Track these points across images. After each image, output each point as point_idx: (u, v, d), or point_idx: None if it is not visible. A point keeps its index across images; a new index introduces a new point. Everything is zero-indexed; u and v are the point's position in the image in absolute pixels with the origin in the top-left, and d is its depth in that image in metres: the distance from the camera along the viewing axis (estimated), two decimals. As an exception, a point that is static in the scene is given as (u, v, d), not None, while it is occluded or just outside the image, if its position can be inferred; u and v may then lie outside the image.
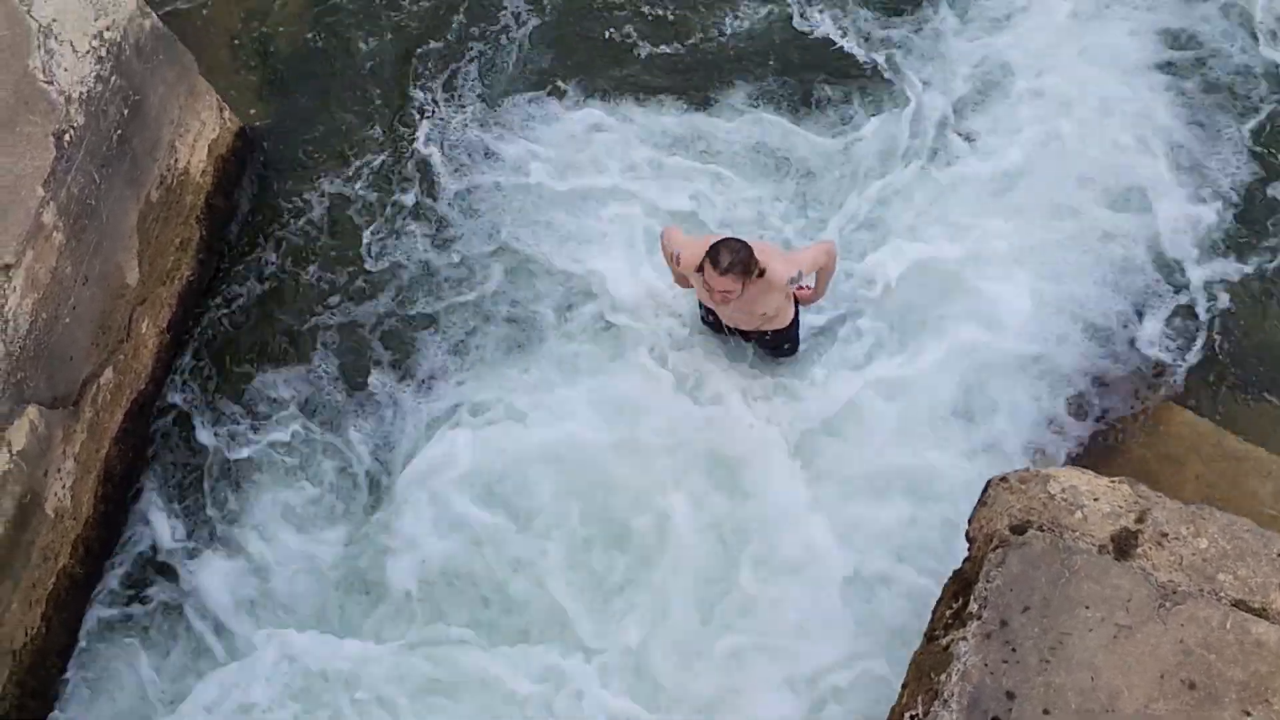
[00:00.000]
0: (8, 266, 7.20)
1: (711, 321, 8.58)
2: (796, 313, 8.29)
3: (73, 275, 7.71)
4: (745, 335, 8.58)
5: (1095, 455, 8.29)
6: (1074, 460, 8.26)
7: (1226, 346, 8.63)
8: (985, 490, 6.94)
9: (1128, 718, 6.05)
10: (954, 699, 6.17)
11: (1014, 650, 6.24)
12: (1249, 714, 6.06)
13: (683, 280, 8.26)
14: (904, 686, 6.74)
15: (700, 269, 7.49)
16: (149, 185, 8.40)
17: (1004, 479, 6.87)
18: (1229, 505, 7.14)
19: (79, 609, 8.21)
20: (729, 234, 7.95)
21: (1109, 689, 6.12)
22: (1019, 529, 6.59)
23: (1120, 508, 6.62)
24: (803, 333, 8.57)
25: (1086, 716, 6.06)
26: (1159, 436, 8.32)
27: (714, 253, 7.40)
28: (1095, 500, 6.64)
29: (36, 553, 7.67)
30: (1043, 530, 6.55)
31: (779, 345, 8.53)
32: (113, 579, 8.36)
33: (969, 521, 6.96)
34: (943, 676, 6.29)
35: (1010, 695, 6.15)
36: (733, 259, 7.35)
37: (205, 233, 9.07)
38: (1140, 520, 6.56)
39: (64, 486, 7.83)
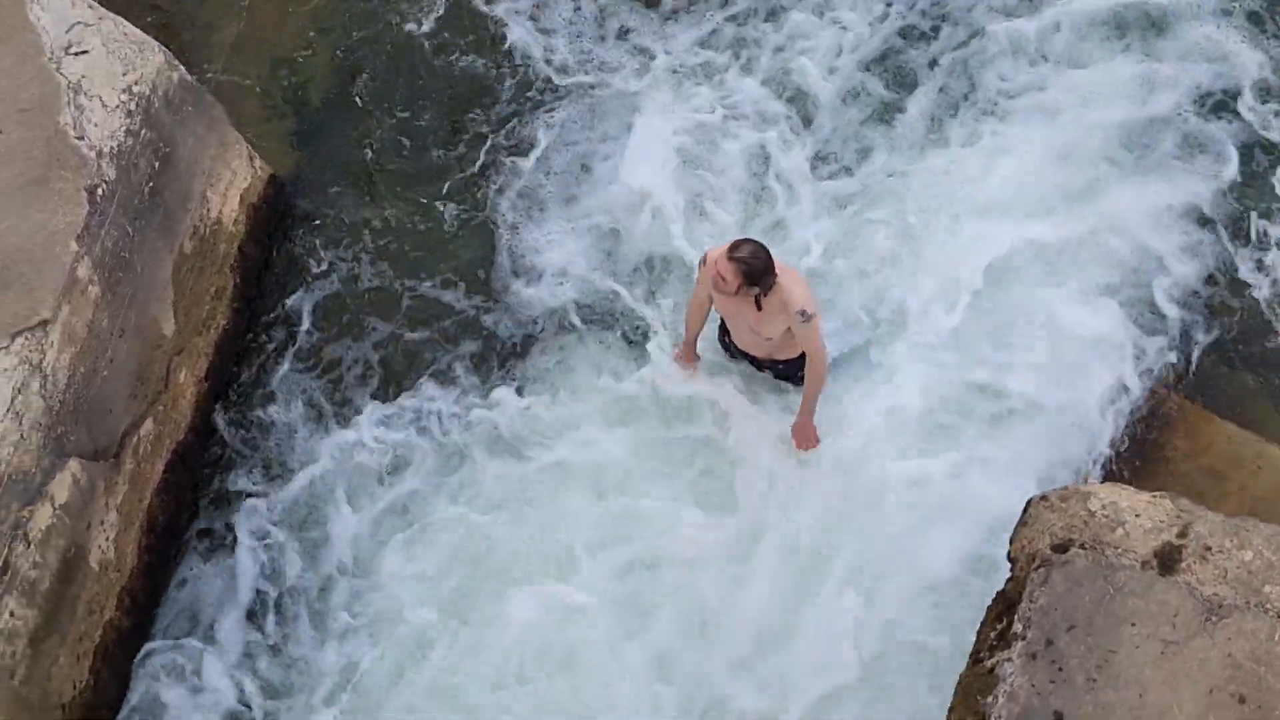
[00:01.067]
0: (45, 322, 7.26)
1: (727, 343, 8.66)
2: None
3: (109, 328, 7.77)
4: (758, 365, 8.60)
5: (1134, 471, 8.25)
6: (1113, 477, 8.21)
7: (1263, 353, 8.59)
8: (1026, 510, 6.91)
9: (1178, 734, 6.02)
10: (1001, 721, 6.14)
11: (1060, 670, 6.20)
12: (1300, 726, 6.01)
13: (700, 300, 8.38)
14: (950, 710, 6.70)
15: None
16: (182, 236, 8.47)
17: (1044, 497, 6.84)
18: (1273, 517, 7.09)
19: (127, 661, 8.22)
20: None
21: (1158, 705, 6.08)
22: (1061, 547, 6.56)
23: (1162, 523, 6.58)
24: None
25: (1136, 734, 6.04)
26: (1199, 450, 8.27)
27: (735, 243, 7.62)
28: (1136, 516, 6.61)
29: (82, 606, 7.70)
30: (1085, 548, 6.52)
31: (791, 376, 8.54)
32: (159, 631, 8.37)
33: (1010, 541, 6.93)
34: (989, 699, 6.25)
35: (1058, 715, 6.11)
36: (744, 257, 7.52)
37: (239, 280, 9.13)
38: (1183, 535, 6.52)
39: (107, 539, 7.87)
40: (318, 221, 9.60)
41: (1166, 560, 6.44)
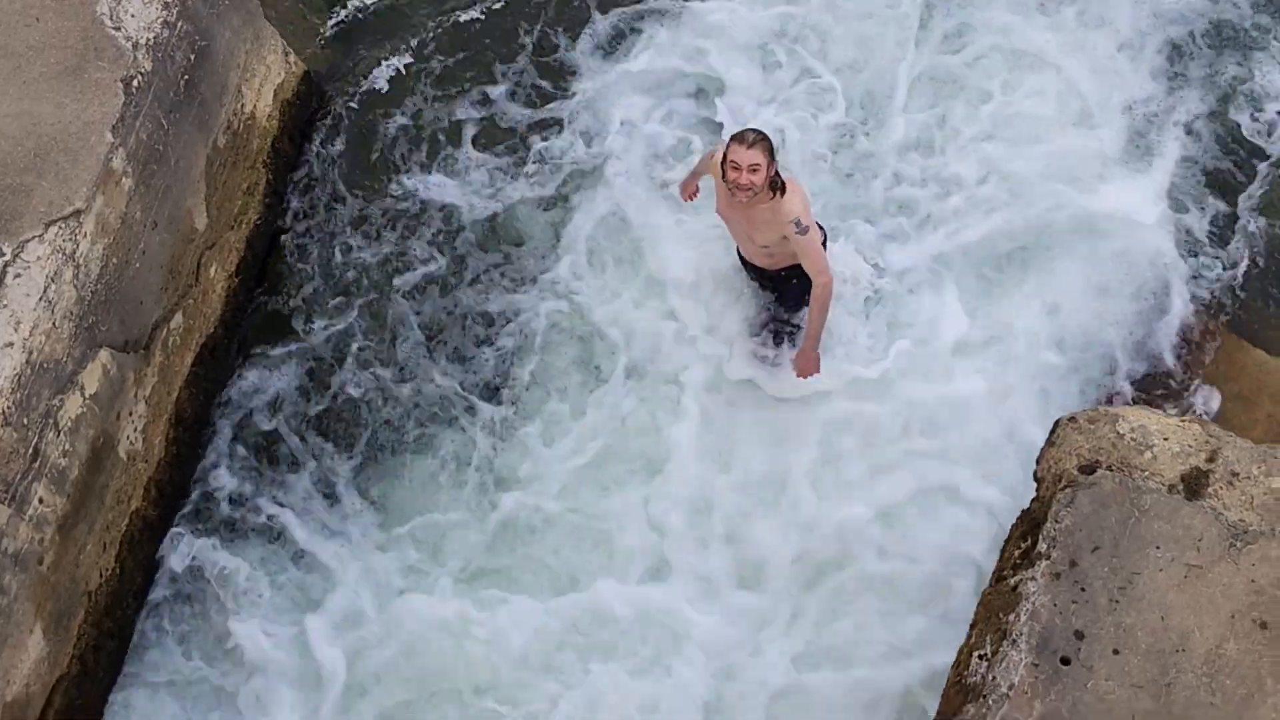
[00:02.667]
0: (78, 212, 7.25)
1: (739, 251, 8.54)
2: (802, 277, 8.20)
3: (142, 220, 7.76)
4: (762, 281, 8.55)
5: (1165, 396, 8.23)
6: (1143, 401, 8.20)
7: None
8: (1054, 430, 6.90)
9: (1199, 658, 6.03)
10: (1023, 639, 6.16)
11: (1083, 590, 6.23)
12: (1321, 654, 6.03)
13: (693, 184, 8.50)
14: (972, 626, 6.74)
15: (724, 163, 7.60)
16: (216, 130, 8.44)
17: (1073, 419, 6.84)
18: (1301, 444, 7.09)
19: (152, 551, 8.30)
20: None
21: (1180, 629, 6.10)
22: (1088, 469, 6.57)
23: (1190, 447, 6.58)
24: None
25: (1157, 656, 6.05)
26: (1229, 375, 8.24)
27: (739, 133, 7.61)
28: (1165, 440, 6.60)
29: (110, 495, 7.75)
30: (1112, 470, 6.52)
31: (787, 292, 8.44)
32: (185, 521, 8.43)
33: (1037, 462, 6.93)
34: (1011, 616, 6.28)
35: (1079, 635, 6.14)
36: (758, 134, 7.54)
37: (272, 177, 9.11)
38: (1211, 460, 6.52)
39: (136, 429, 7.91)
40: (351, 120, 9.55)
41: (1193, 485, 6.45)
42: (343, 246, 9.17)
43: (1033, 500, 6.90)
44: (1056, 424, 6.90)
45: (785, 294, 8.45)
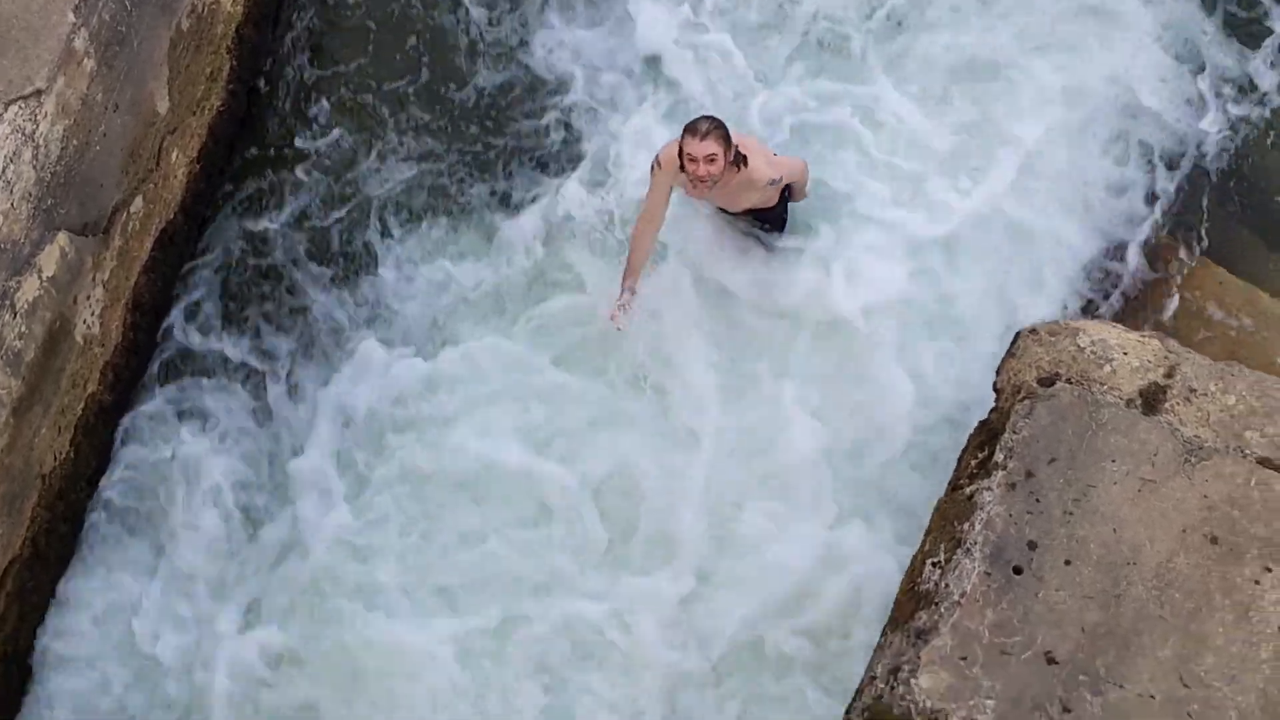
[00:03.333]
0: (39, 92, 7.15)
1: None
2: (784, 199, 8.17)
3: (103, 102, 7.65)
4: (750, 217, 8.38)
5: (1125, 311, 8.25)
6: (1104, 316, 8.22)
7: (1256, 201, 8.57)
8: (1014, 342, 6.93)
9: (1149, 571, 6.10)
10: (976, 547, 6.22)
11: (1038, 501, 6.27)
12: (1270, 570, 6.10)
13: (655, 210, 7.96)
14: (927, 533, 6.79)
15: (680, 155, 7.45)
16: (180, 13, 8.28)
17: (1033, 331, 6.87)
18: (1256, 364, 7.15)
19: (108, 435, 8.28)
20: None
21: (1132, 542, 6.16)
22: (1047, 381, 6.61)
23: (1149, 362, 6.62)
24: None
25: (1108, 569, 6.11)
26: (1190, 293, 8.26)
27: (691, 124, 7.41)
28: (1124, 354, 6.64)
29: (66, 379, 7.69)
30: (1071, 383, 6.56)
31: (766, 219, 8.33)
32: (142, 408, 8.41)
33: (996, 372, 6.97)
34: (966, 525, 6.33)
35: (1032, 545, 6.19)
36: (711, 123, 7.36)
37: (236, 63, 8.97)
38: (1169, 375, 6.56)
39: (93, 314, 7.84)
40: (320, 9, 9.39)
41: (1151, 400, 6.49)
42: (309, 134, 9.05)
43: (991, 411, 6.93)
44: (1017, 335, 6.93)
45: (773, 219, 8.37)
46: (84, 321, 7.76)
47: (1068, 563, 6.14)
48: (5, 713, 7.77)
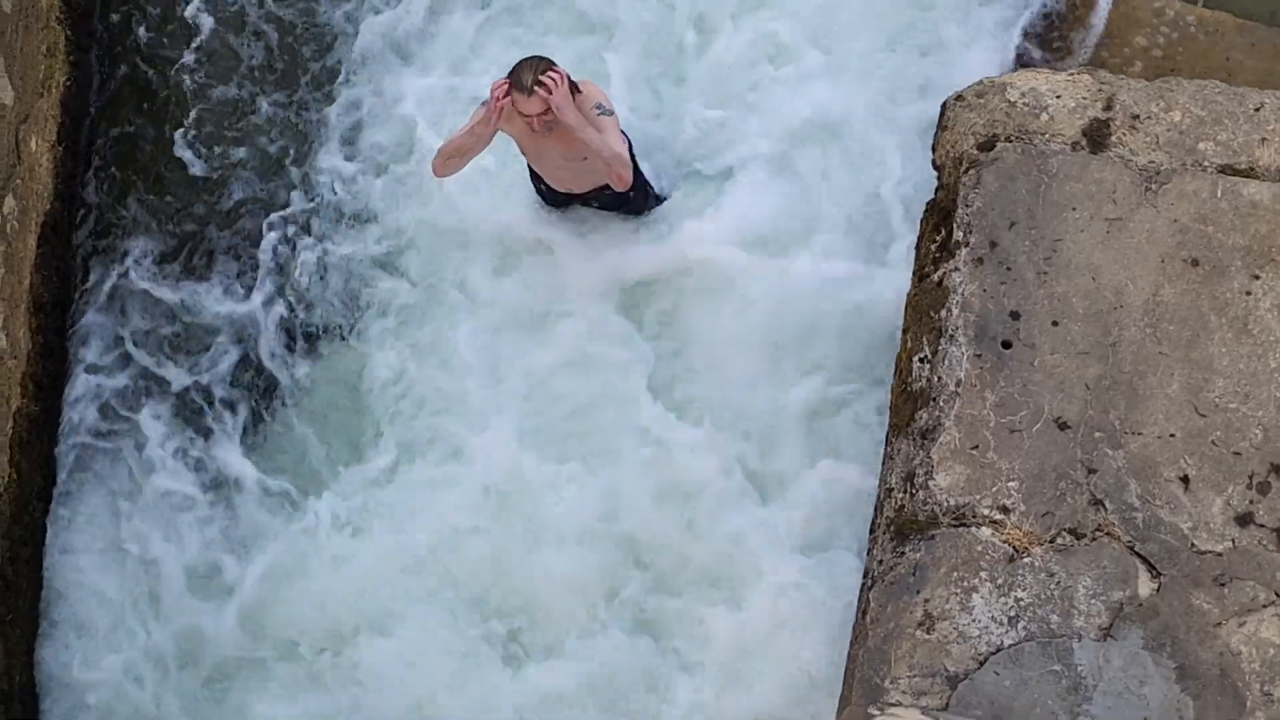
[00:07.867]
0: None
1: (544, 191, 7.84)
2: (637, 168, 7.59)
3: (-56, 107, 7.25)
4: (584, 200, 7.85)
5: (1049, 53, 7.98)
6: (1025, 62, 7.92)
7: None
8: (942, 113, 6.67)
9: (1138, 310, 5.91)
10: (959, 332, 6.00)
11: (1009, 270, 6.05)
12: (1258, 277, 5.94)
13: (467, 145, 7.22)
14: (905, 331, 6.56)
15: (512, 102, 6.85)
16: (-2, -5, 7.86)
17: (959, 96, 6.59)
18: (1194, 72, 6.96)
19: (47, 449, 8.00)
20: None
21: (1113, 285, 5.96)
22: (986, 145, 6.35)
23: (1085, 100, 6.38)
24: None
25: (1096, 319, 5.92)
26: (1113, 18, 7.99)
27: (515, 77, 6.79)
28: (1058, 98, 6.39)
29: (-14, 401, 7.39)
30: (1011, 141, 6.31)
31: (622, 201, 7.77)
32: (73, 413, 8.12)
33: (933, 149, 6.71)
34: (943, 312, 6.10)
35: (1015, 315, 5.98)
36: (536, 69, 6.75)
37: (70, 33, 8.52)
38: (1108, 107, 6.32)
39: (-4, 327, 7.52)
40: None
41: (1096, 137, 6.26)
42: (165, 87, 8.66)
43: (937, 190, 6.67)
44: (944, 105, 6.65)
45: (604, 204, 7.84)
46: (-11, 337, 7.44)
47: (1055, 323, 5.93)
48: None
